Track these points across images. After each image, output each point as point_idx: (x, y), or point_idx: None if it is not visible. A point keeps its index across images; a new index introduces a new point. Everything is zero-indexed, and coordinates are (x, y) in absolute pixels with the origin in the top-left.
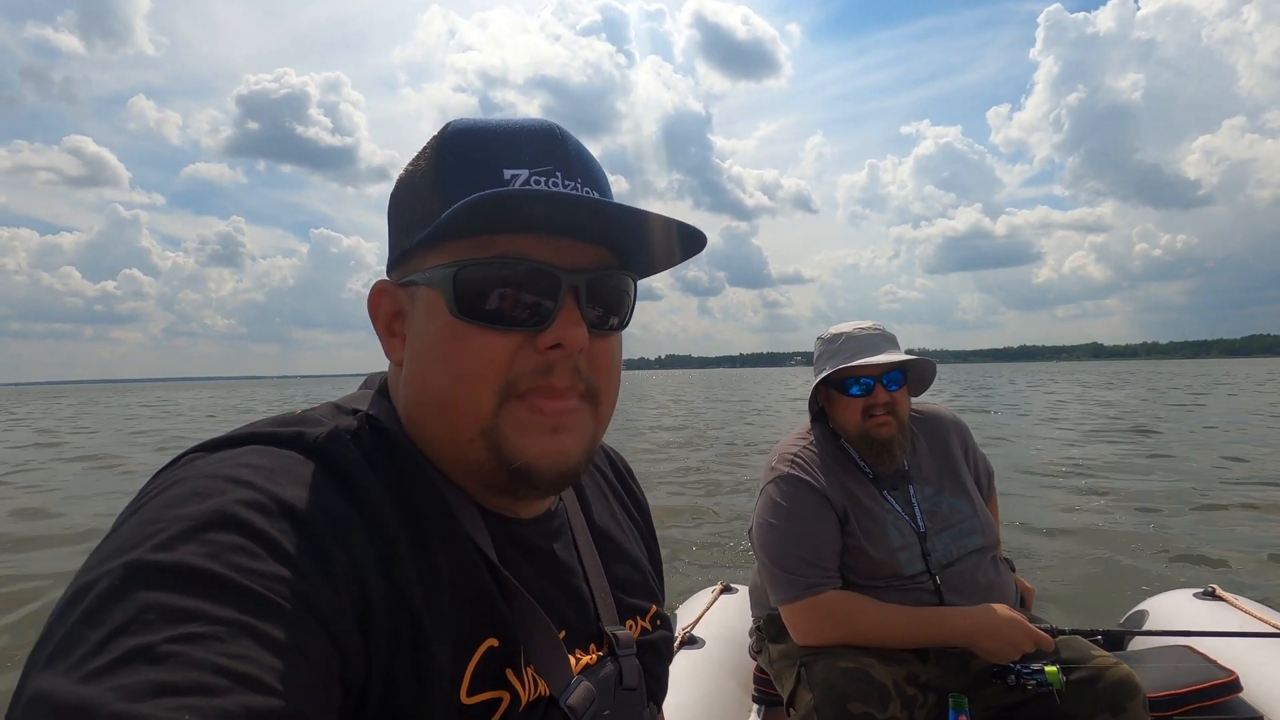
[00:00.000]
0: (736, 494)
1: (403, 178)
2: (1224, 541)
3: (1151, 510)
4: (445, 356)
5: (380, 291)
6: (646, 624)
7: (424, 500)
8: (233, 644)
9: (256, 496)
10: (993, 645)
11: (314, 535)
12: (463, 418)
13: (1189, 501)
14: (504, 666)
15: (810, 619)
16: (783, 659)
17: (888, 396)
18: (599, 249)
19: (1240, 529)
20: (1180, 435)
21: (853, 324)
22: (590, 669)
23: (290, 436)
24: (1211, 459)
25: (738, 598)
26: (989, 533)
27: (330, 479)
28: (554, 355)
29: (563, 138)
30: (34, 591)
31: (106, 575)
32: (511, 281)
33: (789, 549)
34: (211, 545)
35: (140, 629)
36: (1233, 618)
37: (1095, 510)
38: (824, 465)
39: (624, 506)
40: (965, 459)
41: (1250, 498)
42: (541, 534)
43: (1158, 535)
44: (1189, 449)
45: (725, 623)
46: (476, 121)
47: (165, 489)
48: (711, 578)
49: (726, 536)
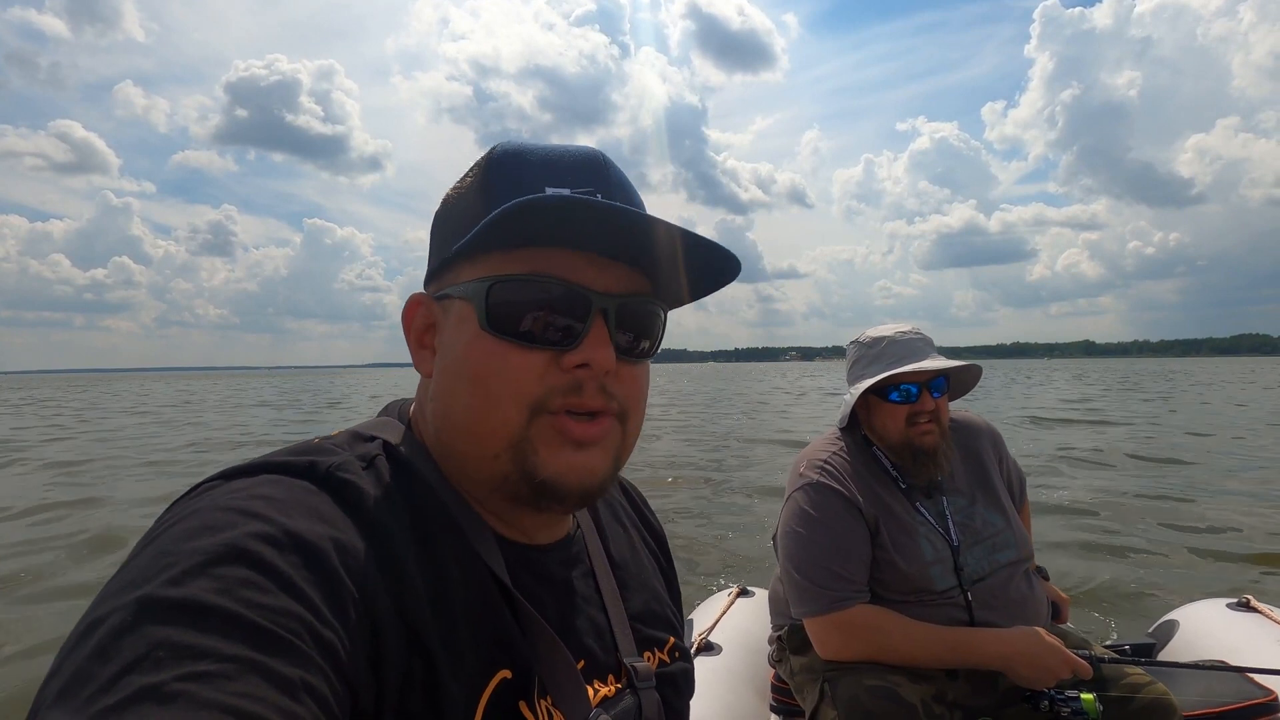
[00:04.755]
0: (748, 492)
1: (448, 195)
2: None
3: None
4: (474, 371)
5: (415, 304)
6: (664, 655)
7: (438, 529)
8: (242, 682)
9: (268, 529)
10: (1028, 672)
11: (325, 569)
12: (490, 432)
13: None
14: (517, 699)
15: (837, 634)
16: (805, 672)
17: (933, 404)
18: (634, 272)
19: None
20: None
21: (892, 327)
22: (609, 701)
23: (304, 466)
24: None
25: (754, 602)
26: (1023, 546)
27: (342, 510)
28: (581, 375)
29: (606, 164)
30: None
31: (119, 610)
32: (543, 300)
33: (817, 560)
34: (222, 580)
35: (150, 667)
36: (1268, 632)
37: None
38: (855, 474)
39: (641, 537)
40: (999, 468)
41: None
42: (559, 561)
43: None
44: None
45: (743, 628)
46: (524, 143)
47: (179, 521)
48: (725, 580)
49: (741, 536)
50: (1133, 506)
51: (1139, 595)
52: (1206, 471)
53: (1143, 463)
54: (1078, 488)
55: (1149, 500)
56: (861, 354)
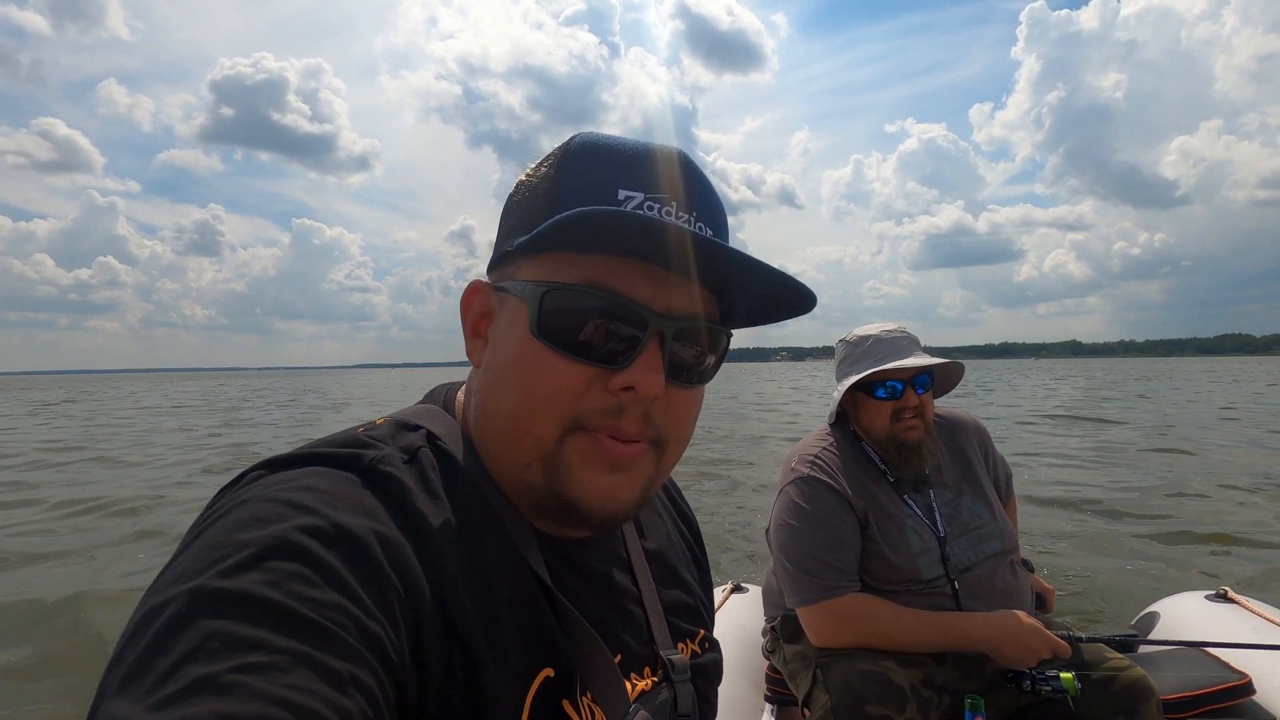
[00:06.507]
0: (742, 491)
1: (521, 181)
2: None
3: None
4: (518, 374)
5: (475, 290)
6: (696, 647)
7: (480, 524)
8: (293, 674)
9: (316, 522)
10: (1011, 652)
11: (371, 563)
12: (525, 440)
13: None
14: (560, 697)
15: (828, 622)
16: (798, 660)
17: (917, 400)
18: (700, 292)
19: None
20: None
21: (878, 326)
22: (646, 695)
23: (348, 459)
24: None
25: (748, 597)
26: (1008, 538)
27: (385, 504)
28: (625, 397)
29: (685, 165)
30: None
31: (173, 601)
32: (597, 314)
33: (808, 551)
34: (273, 573)
35: (206, 658)
36: (1245, 621)
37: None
38: (845, 468)
39: (676, 527)
40: (985, 463)
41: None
42: (597, 555)
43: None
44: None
45: (737, 622)
46: (603, 138)
47: (228, 511)
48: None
49: (734, 535)
50: (1114, 500)
51: (1121, 588)
52: (1190, 463)
53: (1126, 456)
54: (1061, 481)
55: (1130, 493)
56: (848, 352)
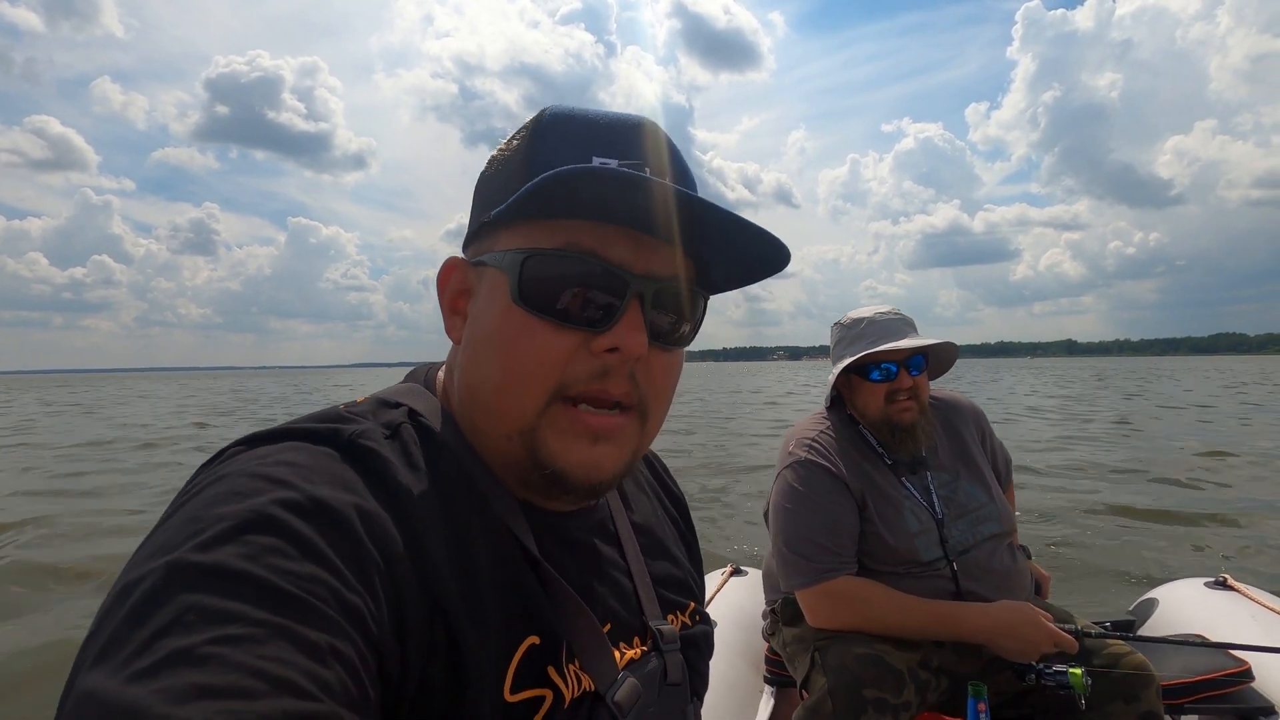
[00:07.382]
0: (739, 477)
1: (493, 157)
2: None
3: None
4: (501, 344)
5: (451, 267)
6: (686, 619)
7: (463, 497)
8: (270, 646)
9: (293, 496)
10: (1012, 645)
11: (350, 536)
12: (507, 412)
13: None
14: (546, 664)
15: (826, 604)
16: (796, 642)
17: (911, 381)
18: (677, 253)
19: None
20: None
21: (872, 308)
22: (635, 664)
23: (327, 433)
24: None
25: (747, 580)
26: (1006, 520)
27: (364, 478)
28: (610, 359)
29: (655, 132)
30: None
31: (150, 574)
32: (578, 278)
33: (805, 534)
34: (250, 546)
35: (182, 630)
36: (1244, 609)
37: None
38: (842, 450)
39: (663, 504)
40: (983, 446)
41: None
42: (582, 527)
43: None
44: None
45: (736, 604)
46: (573, 109)
47: (207, 486)
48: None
49: (733, 519)
50: (1112, 487)
51: (1119, 574)
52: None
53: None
54: (1060, 468)
55: (1127, 480)
56: (843, 334)
